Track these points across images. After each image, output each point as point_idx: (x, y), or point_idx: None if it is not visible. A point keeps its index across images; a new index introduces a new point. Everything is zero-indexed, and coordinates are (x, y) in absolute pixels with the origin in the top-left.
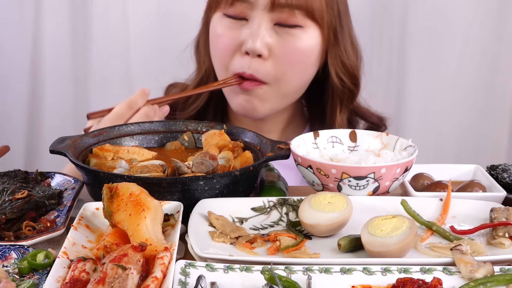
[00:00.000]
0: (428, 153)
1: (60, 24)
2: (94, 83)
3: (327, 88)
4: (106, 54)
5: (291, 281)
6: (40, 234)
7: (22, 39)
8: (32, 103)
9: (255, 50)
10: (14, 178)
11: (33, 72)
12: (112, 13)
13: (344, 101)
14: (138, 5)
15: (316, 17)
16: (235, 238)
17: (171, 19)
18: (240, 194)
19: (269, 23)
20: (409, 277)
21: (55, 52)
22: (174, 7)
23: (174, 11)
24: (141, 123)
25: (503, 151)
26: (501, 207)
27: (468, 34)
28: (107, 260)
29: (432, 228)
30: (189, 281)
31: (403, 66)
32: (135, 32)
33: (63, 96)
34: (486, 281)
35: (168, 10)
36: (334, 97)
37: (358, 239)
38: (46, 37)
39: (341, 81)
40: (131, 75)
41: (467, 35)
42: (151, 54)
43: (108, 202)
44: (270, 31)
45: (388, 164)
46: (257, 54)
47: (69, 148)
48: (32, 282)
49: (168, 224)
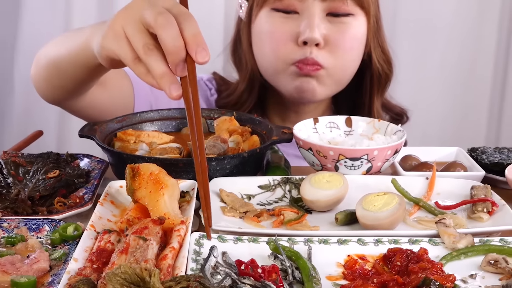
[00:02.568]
0: (415, 137)
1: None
2: None
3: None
4: None
5: (293, 251)
6: (70, 209)
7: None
8: None
9: (314, 39)
10: (47, 159)
11: None
12: None
13: (380, 86)
14: None
15: (364, 5)
16: (243, 212)
17: None
18: (248, 173)
19: (322, 13)
20: (398, 247)
21: None
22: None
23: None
24: (159, 110)
25: (482, 135)
26: (481, 185)
27: (450, 32)
28: (129, 232)
29: (419, 204)
30: (202, 250)
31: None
32: None
33: None
34: (467, 250)
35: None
36: (374, 84)
37: (353, 213)
38: None
39: (381, 67)
40: None
41: (449, 33)
42: None
43: (130, 181)
44: (324, 21)
45: (380, 147)
46: (315, 43)
47: (96, 133)
48: (63, 251)
49: (184, 200)
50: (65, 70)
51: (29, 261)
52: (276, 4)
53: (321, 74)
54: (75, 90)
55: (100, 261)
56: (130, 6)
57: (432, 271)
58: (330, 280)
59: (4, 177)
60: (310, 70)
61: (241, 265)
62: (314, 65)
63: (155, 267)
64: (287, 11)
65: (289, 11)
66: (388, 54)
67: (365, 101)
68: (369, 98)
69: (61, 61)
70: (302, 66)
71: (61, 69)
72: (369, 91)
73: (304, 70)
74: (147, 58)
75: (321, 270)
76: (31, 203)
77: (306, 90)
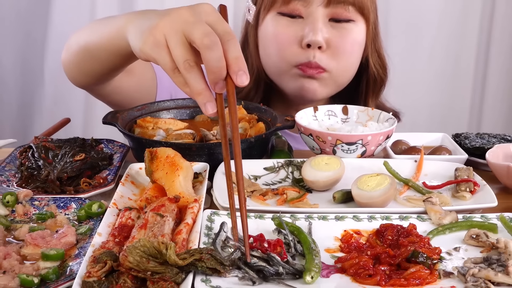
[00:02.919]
0: (405, 124)
1: None
2: None
3: (361, 80)
4: None
5: (295, 226)
6: (95, 188)
7: None
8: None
9: (317, 42)
10: (74, 143)
11: None
12: None
13: (375, 90)
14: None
15: (365, 12)
16: (250, 192)
17: None
18: (255, 156)
19: (325, 18)
20: (390, 223)
21: None
22: None
23: None
24: (175, 99)
25: (465, 122)
26: (464, 167)
27: (437, 30)
28: (148, 209)
29: (408, 184)
30: (213, 226)
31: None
32: None
33: None
34: (451, 226)
35: None
36: (369, 87)
37: (349, 192)
38: None
39: (376, 71)
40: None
41: (436, 31)
42: None
43: (149, 163)
44: (326, 25)
45: (373, 133)
46: (318, 46)
47: (118, 120)
48: (88, 227)
49: (197, 181)
50: (96, 55)
51: (57, 236)
52: (282, 9)
53: (324, 76)
54: (103, 75)
55: (122, 236)
56: (173, 14)
57: (420, 244)
58: (328, 252)
59: (35, 160)
60: (314, 73)
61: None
62: (318, 68)
63: (171, 241)
64: (292, 15)
65: (294, 16)
66: (384, 60)
67: (360, 102)
68: (364, 100)
69: (93, 46)
70: (306, 69)
71: (92, 55)
72: (364, 93)
73: (308, 73)
74: (187, 74)
75: (320, 243)
76: (60, 183)
77: (307, 89)
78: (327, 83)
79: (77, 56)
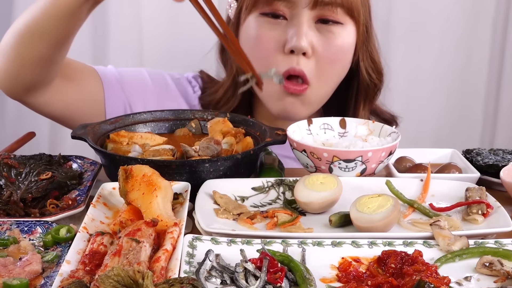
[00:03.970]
0: (410, 139)
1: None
2: None
3: (351, 85)
4: (121, 53)
5: (284, 255)
6: (63, 211)
7: None
8: None
9: (301, 48)
10: (40, 161)
11: None
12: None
13: (368, 96)
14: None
15: (354, 14)
16: (237, 214)
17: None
18: (242, 175)
19: (311, 21)
20: (393, 249)
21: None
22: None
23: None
24: (153, 111)
25: (477, 136)
26: (475, 187)
27: (445, 32)
28: (122, 234)
29: (414, 206)
30: (196, 253)
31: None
32: (148, 34)
33: None
34: (461, 253)
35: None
36: (360, 93)
37: (347, 215)
38: None
39: (369, 77)
40: None
41: (444, 32)
42: (163, 55)
43: (123, 182)
44: (312, 29)
45: (374, 149)
46: (302, 52)
47: (89, 134)
48: (55, 254)
49: (177, 202)
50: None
51: (21, 264)
52: (264, 9)
53: (307, 94)
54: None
55: (93, 264)
56: None
57: (426, 273)
58: (324, 282)
59: None
60: (298, 90)
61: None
62: (303, 85)
63: (148, 269)
64: (276, 15)
65: (278, 16)
66: (378, 64)
67: (349, 110)
68: (354, 107)
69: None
70: (290, 86)
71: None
72: (354, 100)
73: (291, 90)
74: None
75: (315, 272)
76: (24, 205)
77: (290, 111)
78: (311, 100)
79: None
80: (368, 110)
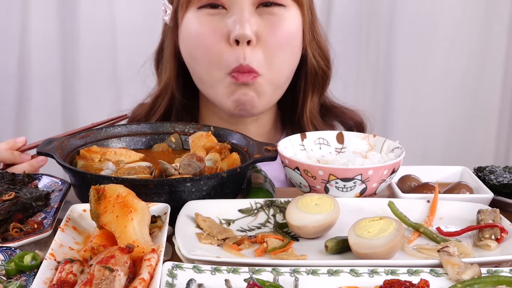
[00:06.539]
0: (416, 155)
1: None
2: (81, 85)
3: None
4: (93, 55)
5: (275, 285)
6: (27, 235)
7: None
8: (19, 104)
9: (245, 36)
10: (1, 180)
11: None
12: (99, 14)
13: (316, 85)
14: (125, 6)
15: None
16: (222, 239)
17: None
18: (227, 195)
19: (251, 6)
20: (396, 278)
21: (42, 54)
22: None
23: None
24: (128, 124)
25: (490, 153)
26: (488, 208)
27: (455, 36)
28: (94, 262)
29: (419, 230)
30: (176, 282)
31: (391, 68)
32: (122, 34)
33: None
34: (473, 282)
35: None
36: (308, 81)
37: (345, 240)
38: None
39: (317, 63)
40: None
41: (454, 37)
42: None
43: (95, 204)
44: (254, 15)
45: (375, 166)
46: (247, 41)
47: (56, 150)
48: (19, 283)
49: (155, 226)
50: None
51: None
52: (201, 1)
53: (259, 82)
54: None
55: None
56: None
57: None
58: None
59: None
60: (247, 79)
61: None
62: (251, 73)
63: None
64: (214, 4)
65: (216, 5)
66: (324, 49)
67: (298, 100)
68: (303, 98)
69: None
70: (238, 76)
71: None
72: (303, 91)
73: (240, 79)
74: None
75: None
76: None
77: (244, 102)
78: (265, 90)
79: None
80: (317, 100)
